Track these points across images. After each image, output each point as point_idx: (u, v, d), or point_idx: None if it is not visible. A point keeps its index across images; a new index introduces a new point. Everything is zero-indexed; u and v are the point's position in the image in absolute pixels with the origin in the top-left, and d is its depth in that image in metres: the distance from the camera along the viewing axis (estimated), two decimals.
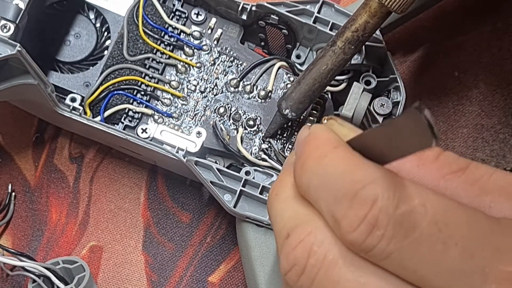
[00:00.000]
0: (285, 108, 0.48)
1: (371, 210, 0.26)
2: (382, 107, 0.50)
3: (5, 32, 0.46)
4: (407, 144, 0.25)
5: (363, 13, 0.44)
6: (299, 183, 0.30)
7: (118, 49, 0.51)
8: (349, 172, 0.27)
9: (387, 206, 0.26)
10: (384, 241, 0.26)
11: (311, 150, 0.29)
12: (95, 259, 0.55)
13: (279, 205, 0.31)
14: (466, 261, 0.26)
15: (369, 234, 0.26)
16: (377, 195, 0.26)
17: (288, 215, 0.30)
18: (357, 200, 0.27)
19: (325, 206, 0.28)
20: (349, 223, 0.27)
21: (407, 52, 0.58)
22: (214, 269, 0.55)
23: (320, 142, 0.29)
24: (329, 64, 0.46)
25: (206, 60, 0.52)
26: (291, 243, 0.29)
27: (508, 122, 0.56)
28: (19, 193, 0.56)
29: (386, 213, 0.26)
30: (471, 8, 0.58)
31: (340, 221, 0.27)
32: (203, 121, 0.51)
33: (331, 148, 0.29)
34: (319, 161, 0.29)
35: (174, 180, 0.56)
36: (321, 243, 0.28)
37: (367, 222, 0.26)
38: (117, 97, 0.51)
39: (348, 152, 0.28)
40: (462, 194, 0.30)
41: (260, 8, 0.50)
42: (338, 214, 0.27)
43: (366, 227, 0.26)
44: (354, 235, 0.27)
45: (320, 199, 0.28)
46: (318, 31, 0.50)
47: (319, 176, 0.28)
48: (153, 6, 0.52)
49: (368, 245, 0.27)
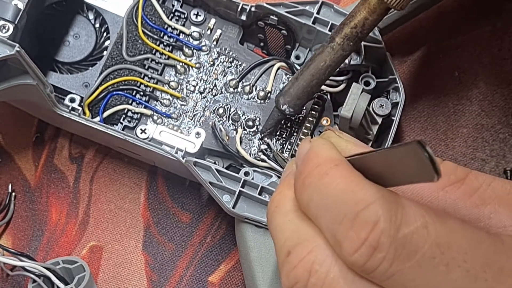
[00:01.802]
0: (283, 104, 0.47)
1: (372, 232, 0.26)
2: (381, 107, 0.50)
3: (4, 33, 0.46)
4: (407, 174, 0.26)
5: (362, 9, 0.44)
6: (299, 199, 0.30)
7: (117, 49, 0.51)
8: (350, 192, 0.27)
9: (389, 228, 0.26)
10: (386, 263, 0.26)
11: (312, 167, 0.29)
12: (95, 259, 0.55)
13: (280, 219, 0.31)
14: (469, 283, 0.26)
15: (370, 256, 0.26)
16: (378, 217, 0.26)
17: (289, 231, 0.30)
18: (358, 221, 0.27)
19: (326, 225, 0.28)
20: (351, 244, 0.27)
21: (406, 52, 0.58)
22: (214, 269, 0.55)
23: (321, 159, 0.29)
24: (327, 60, 0.45)
25: (205, 60, 0.52)
26: (292, 261, 0.29)
27: (508, 122, 0.56)
28: (19, 193, 0.56)
29: (388, 235, 0.26)
30: (471, 8, 0.58)
31: (341, 242, 0.27)
32: (202, 121, 0.51)
33: (332, 166, 0.29)
34: (320, 179, 0.29)
35: (174, 180, 0.56)
36: (322, 262, 0.28)
37: (369, 244, 0.26)
38: (116, 98, 0.51)
39: (349, 171, 0.28)
40: (461, 205, 0.30)
41: (259, 8, 0.50)
42: (339, 235, 0.27)
43: (368, 249, 0.26)
44: (356, 256, 0.27)
45: (321, 218, 0.28)
46: (318, 32, 0.50)
47: (320, 194, 0.28)
48: (152, 7, 0.52)
49: (369, 266, 0.26)
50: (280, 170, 0.50)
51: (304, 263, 0.29)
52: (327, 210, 0.28)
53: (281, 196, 0.32)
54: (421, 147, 0.24)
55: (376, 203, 0.27)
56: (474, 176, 0.30)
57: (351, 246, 0.27)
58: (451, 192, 0.30)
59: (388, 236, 0.26)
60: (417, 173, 0.25)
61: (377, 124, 0.49)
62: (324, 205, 0.28)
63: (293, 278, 0.29)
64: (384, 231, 0.26)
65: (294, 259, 0.29)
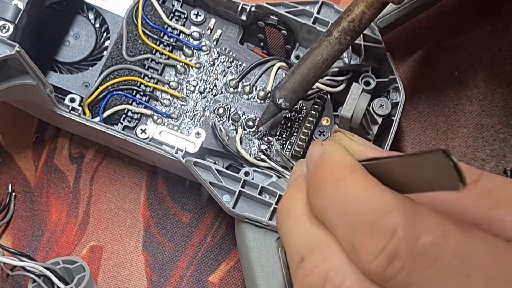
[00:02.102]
0: (279, 98, 0.47)
1: (391, 240, 0.26)
2: (381, 107, 0.50)
3: (4, 33, 0.46)
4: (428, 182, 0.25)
5: (360, 3, 0.43)
6: (313, 204, 0.29)
7: (117, 49, 0.51)
8: (368, 200, 0.27)
9: (408, 237, 0.26)
10: (404, 272, 0.26)
11: (326, 173, 0.29)
12: (95, 259, 0.55)
13: (291, 224, 0.31)
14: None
15: (388, 265, 0.26)
16: (397, 225, 0.26)
17: (302, 237, 0.30)
18: (377, 229, 0.26)
19: (342, 232, 0.28)
20: (368, 252, 0.26)
21: (406, 52, 0.58)
22: (214, 269, 0.55)
23: (336, 165, 0.29)
24: (324, 54, 0.45)
25: (205, 60, 0.52)
26: (306, 267, 0.28)
27: (508, 121, 0.56)
28: (19, 193, 0.56)
29: (407, 244, 0.26)
30: (471, 8, 0.58)
31: (359, 250, 0.27)
32: (202, 121, 0.51)
33: (348, 173, 0.28)
34: (336, 185, 0.28)
35: (174, 180, 0.56)
36: (338, 269, 0.28)
37: (387, 252, 0.26)
38: (116, 98, 0.51)
39: (366, 177, 0.28)
40: (475, 207, 0.29)
41: (260, 8, 0.50)
42: (356, 243, 0.27)
43: (386, 258, 0.26)
44: (373, 265, 0.26)
45: (337, 224, 0.28)
46: (317, 32, 0.50)
47: (336, 201, 0.28)
48: (153, 7, 0.52)
49: (387, 275, 0.26)
50: (280, 170, 0.50)
51: (319, 270, 0.28)
52: (343, 217, 0.27)
53: (293, 199, 0.31)
54: (446, 155, 0.23)
55: (395, 211, 0.26)
56: (487, 178, 0.30)
57: (369, 254, 0.26)
58: (465, 194, 0.29)
59: (407, 245, 0.26)
60: (440, 182, 0.24)
61: (377, 124, 0.49)
62: (340, 212, 0.28)
63: (308, 285, 0.28)
64: (403, 240, 0.26)
65: (308, 266, 0.28)
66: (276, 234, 0.48)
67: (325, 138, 0.51)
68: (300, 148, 0.50)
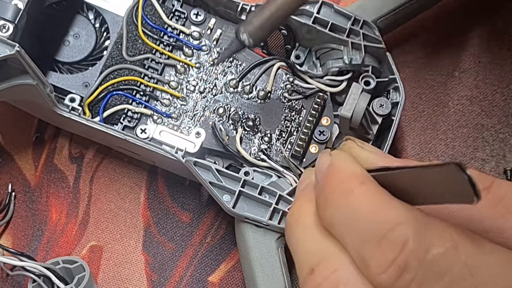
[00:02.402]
0: (243, 33, 0.43)
1: (401, 253, 0.26)
2: (381, 107, 0.50)
3: (4, 32, 0.46)
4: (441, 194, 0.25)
5: None
6: (322, 215, 0.29)
7: (117, 49, 0.51)
8: (377, 211, 0.27)
9: (418, 249, 0.26)
10: (414, 284, 0.26)
11: (335, 184, 0.29)
12: (95, 259, 0.55)
13: (300, 234, 0.30)
14: None
15: (399, 277, 0.26)
16: (407, 237, 0.26)
17: (311, 247, 0.30)
18: (387, 241, 0.26)
19: (352, 244, 0.28)
20: (378, 265, 0.26)
21: (407, 52, 0.58)
22: (214, 269, 0.55)
23: (345, 176, 0.29)
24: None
25: (205, 60, 0.52)
26: (316, 279, 0.28)
27: (508, 122, 0.56)
28: (19, 193, 0.56)
29: (417, 256, 0.26)
30: (471, 8, 0.58)
31: (368, 262, 0.27)
32: (202, 121, 0.51)
33: (357, 184, 0.28)
34: (345, 197, 0.28)
35: (174, 180, 0.56)
36: (348, 281, 0.28)
37: (397, 265, 0.26)
38: (116, 98, 0.51)
39: (376, 188, 0.28)
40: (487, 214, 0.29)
41: None
42: (366, 255, 0.27)
43: (396, 270, 0.26)
44: (383, 277, 0.26)
45: (346, 236, 0.28)
46: (318, 32, 0.50)
47: (345, 212, 0.28)
48: (152, 7, 0.52)
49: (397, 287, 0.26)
50: (281, 170, 0.50)
51: (329, 282, 0.28)
52: (353, 229, 0.27)
53: (302, 209, 0.31)
54: (460, 169, 0.23)
55: (405, 223, 0.26)
56: (498, 184, 0.30)
57: (378, 267, 0.26)
58: None
59: (417, 257, 0.25)
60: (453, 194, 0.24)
61: (377, 124, 0.49)
62: (350, 223, 0.27)
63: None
64: (413, 252, 0.26)
65: (318, 277, 0.28)
66: (276, 234, 0.48)
67: (325, 138, 0.51)
68: (300, 148, 0.50)
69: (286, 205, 0.48)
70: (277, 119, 0.51)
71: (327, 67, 0.51)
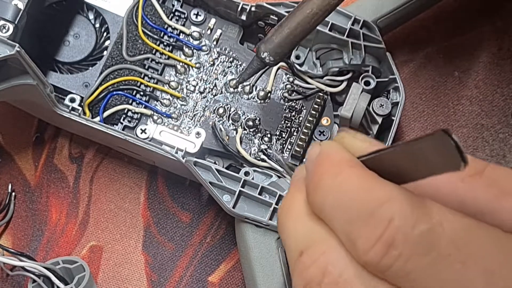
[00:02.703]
0: (264, 51, 0.44)
1: (387, 229, 0.26)
2: (381, 107, 0.50)
3: (4, 33, 0.46)
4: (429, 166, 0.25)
5: None
6: (312, 201, 0.29)
7: (118, 49, 0.51)
8: (365, 191, 0.27)
9: (404, 225, 0.26)
10: (401, 261, 0.26)
11: (325, 169, 0.29)
12: (95, 259, 0.55)
13: (291, 223, 0.31)
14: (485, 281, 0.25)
15: (385, 254, 0.26)
16: (394, 214, 0.26)
17: (301, 233, 0.30)
18: (373, 219, 0.26)
19: (340, 225, 0.28)
20: (365, 242, 0.26)
21: (407, 52, 0.58)
22: (214, 269, 0.55)
23: (334, 161, 0.29)
24: (314, 8, 0.43)
25: (205, 60, 0.52)
26: (305, 261, 0.29)
27: (508, 122, 0.56)
28: (19, 193, 0.56)
29: (403, 232, 0.26)
30: (471, 8, 0.58)
31: (356, 241, 0.27)
32: (202, 121, 0.51)
33: (346, 167, 0.28)
34: (334, 179, 0.28)
35: (174, 180, 0.56)
36: (336, 262, 0.28)
37: (384, 241, 0.26)
38: (116, 98, 0.51)
39: (364, 171, 0.28)
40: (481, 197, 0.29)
41: (260, 8, 0.50)
42: (353, 233, 0.27)
43: (382, 246, 0.26)
44: (370, 254, 0.26)
45: (335, 218, 0.28)
46: (318, 32, 0.50)
47: (334, 194, 0.28)
48: (153, 7, 0.52)
49: (384, 264, 0.26)
50: (281, 170, 0.50)
51: (318, 264, 0.28)
52: (341, 210, 0.27)
53: (292, 200, 0.31)
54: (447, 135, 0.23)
55: (392, 201, 0.26)
56: (492, 168, 0.29)
57: (365, 244, 0.26)
58: (470, 184, 0.29)
59: (404, 233, 0.26)
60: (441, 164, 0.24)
61: (377, 124, 0.50)
62: (338, 205, 0.28)
63: (306, 278, 0.28)
64: (399, 228, 0.26)
65: (307, 260, 0.28)
66: (276, 234, 0.48)
67: (326, 138, 0.51)
68: (300, 148, 0.50)
69: None
70: (277, 119, 0.51)
71: (327, 67, 0.51)
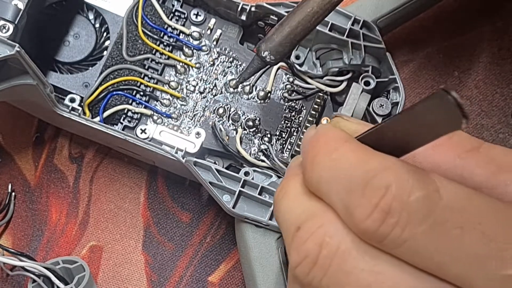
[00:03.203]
0: (264, 50, 0.44)
1: (384, 197, 0.26)
2: (381, 107, 0.50)
3: (4, 33, 0.46)
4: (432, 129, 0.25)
5: None
6: (309, 179, 0.29)
7: (117, 49, 0.51)
8: (361, 162, 0.27)
9: (401, 193, 0.26)
10: (398, 228, 0.26)
11: (320, 146, 0.29)
12: (95, 259, 0.55)
13: (288, 203, 0.31)
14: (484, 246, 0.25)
15: (382, 222, 0.26)
16: (390, 182, 0.26)
17: (298, 211, 0.30)
18: (370, 188, 0.26)
19: (337, 197, 0.28)
20: (362, 211, 0.26)
21: (407, 52, 0.58)
22: (214, 269, 0.55)
23: (329, 138, 0.29)
24: (314, 7, 0.43)
25: (205, 60, 0.52)
26: (302, 235, 0.29)
27: (508, 122, 0.56)
28: (19, 193, 0.56)
29: (400, 200, 0.26)
30: (471, 8, 0.58)
31: (353, 211, 0.27)
32: (202, 121, 0.51)
33: (342, 142, 0.28)
34: (330, 154, 0.28)
35: (174, 180, 0.56)
36: (334, 234, 0.28)
37: (380, 209, 0.26)
38: (116, 98, 0.51)
39: (359, 145, 0.28)
40: (478, 172, 0.29)
41: (259, 8, 0.50)
42: (350, 204, 0.27)
43: (379, 214, 0.26)
44: (367, 223, 0.26)
45: (332, 192, 0.28)
46: (317, 32, 0.50)
47: (330, 169, 0.28)
48: (152, 7, 0.52)
49: (381, 233, 0.26)
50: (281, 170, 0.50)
51: (315, 236, 0.28)
52: (338, 183, 0.28)
53: (289, 182, 0.31)
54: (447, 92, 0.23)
55: (387, 170, 0.26)
56: (488, 146, 0.30)
57: (362, 213, 0.26)
58: (467, 159, 0.29)
59: (400, 200, 0.26)
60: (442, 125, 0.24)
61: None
62: (335, 179, 0.28)
63: (303, 251, 0.28)
64: (396, 196, 0.26)
65: (304, 234, 0.29)
66: (276, 234, 0.48)
67: None
68: (300, 148, 0.50)
69: None
70: (277, 119, 0.51)
71: (327, 67, 0.51)
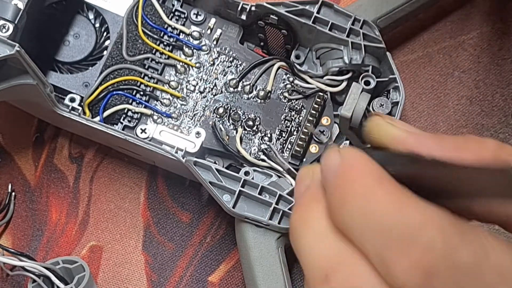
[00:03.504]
0: None
1: (427, 257, 0.24)
2: (381, 107, 0.50)
3: (4, 32, 0.46)
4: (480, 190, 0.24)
5: None
6: (337, 218, 0.27)
7: (117, 49, 0.51)
8: (401, 213, 0.25)
9: (445, 252, 0.24)
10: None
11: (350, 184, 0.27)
12: (95, 259, 0.55)
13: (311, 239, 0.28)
14: None
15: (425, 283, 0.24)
16: (434, 240, 0.24)
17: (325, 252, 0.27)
18: (412, 245, 0.24)
19: (373, 249, 0.26)
20: (403, 270, 0.24)
21: (407, 52, 0.58)
22: (214, 269, 0.55)
23: (359, 174, 0.27)
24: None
25: (205, 60, 0.52)
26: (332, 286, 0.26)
27: (508, 122, 0.56)
28: (19, 193, 0.56)
29: (444, 259, 0.24)
30: (471, 8, 0.58)
31: (392, 268, 0.25)
32: (202, 121, 0.51)
33: (374, 183, 0.26)
34: (363, 197, 0.26)
35: (174, 180, 0.56)
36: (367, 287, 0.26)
37: (424, 270, 0.24)
38: (116, 97, 0.51)
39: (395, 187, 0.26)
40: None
41: (260, 8, 0.50)
42: (389, 260, 0.25)
43: (422, 274, 0.24)
44: (408, 282, 0.24)
45: (366, 241, 0.26)
46: (318, 31, 0.50)
47: (365, 215, 0.26)
48: (153, 6, 0.52)
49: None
50: (281, 170, 0.49)
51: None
52: (374, 234, 0.25)
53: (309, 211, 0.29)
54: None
55: (431, 225, 0.24)
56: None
57: (403, 272, 0.24)
58: None
59: (445, 260, 0.24)
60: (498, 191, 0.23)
61: None
62: (370, 228, 0.26)
63: None
64: (440, 256, 0.24)
65: (334, 284, 0.26)
66: (276, 234, 0.48)
67: (326, 137, 0.51)
68: (300, 148, 0.50)
69: (286, 205, 0.48)
70: (277, 119, 0.51)
71: (327, 67, 0.51)
